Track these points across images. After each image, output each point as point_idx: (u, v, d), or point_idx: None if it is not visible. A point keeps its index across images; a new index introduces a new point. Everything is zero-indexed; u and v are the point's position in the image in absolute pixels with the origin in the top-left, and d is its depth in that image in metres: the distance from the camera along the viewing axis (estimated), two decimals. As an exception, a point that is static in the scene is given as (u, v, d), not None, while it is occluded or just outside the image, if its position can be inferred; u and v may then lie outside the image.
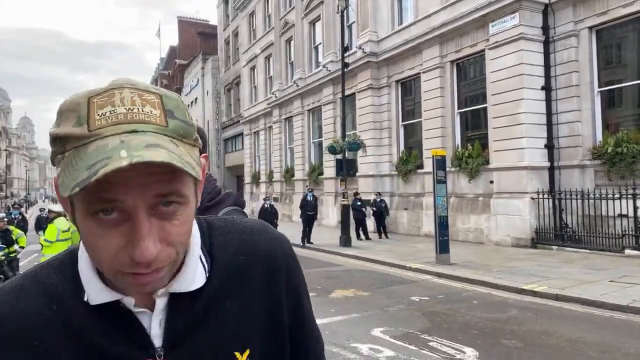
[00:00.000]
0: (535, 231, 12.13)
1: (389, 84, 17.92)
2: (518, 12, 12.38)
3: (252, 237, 0.78)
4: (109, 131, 0.57)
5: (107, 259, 0.60)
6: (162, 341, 0.68)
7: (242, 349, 0.72)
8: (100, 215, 0.58)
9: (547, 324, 6.02)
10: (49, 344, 0.65)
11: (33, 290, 0.68)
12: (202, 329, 0.70)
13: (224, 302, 0.72)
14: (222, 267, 0.74)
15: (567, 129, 12.31)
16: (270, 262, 0.78)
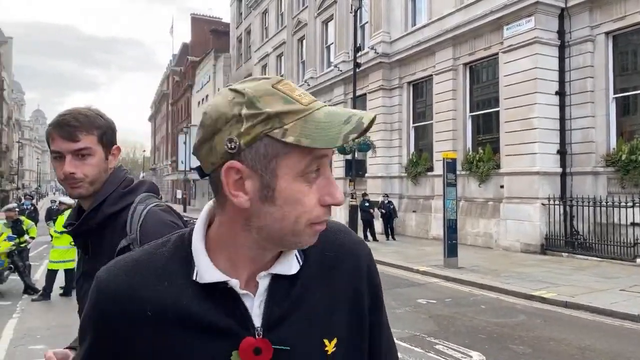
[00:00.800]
0: (545, 237, 12.01)
1: (401, 85, 17.85)
2: (534, 15, 12.27)
3: (338, 236, 0.85)
4: (316, 105, 0.70)
5: (308, 214, 0.70)
6: (261, 321, 0.73)
7: (330, 337, 0.78)
8: (309, 175, 0.69)
9: (556, 331, 5.95)
10: (160, 317, 0.72)
11: (147, 266, 0.75)
12: (297, 314, 0.76)
13: (315, 291, 0.78)
14: (313, 259, 0.80)
15: (580, 135, 12.17)
16: (354, 261, 0.84)
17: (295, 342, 0.74)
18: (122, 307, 0.72)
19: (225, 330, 0.72)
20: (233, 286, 0.73)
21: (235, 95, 0.69)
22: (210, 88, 42.71)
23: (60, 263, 8.20)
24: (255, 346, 0.72)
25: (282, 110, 0.68)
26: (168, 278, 0.74)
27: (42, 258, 12.30)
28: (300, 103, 0.69)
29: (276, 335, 0.73)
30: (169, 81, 66.27)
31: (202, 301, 0.72)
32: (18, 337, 5.90)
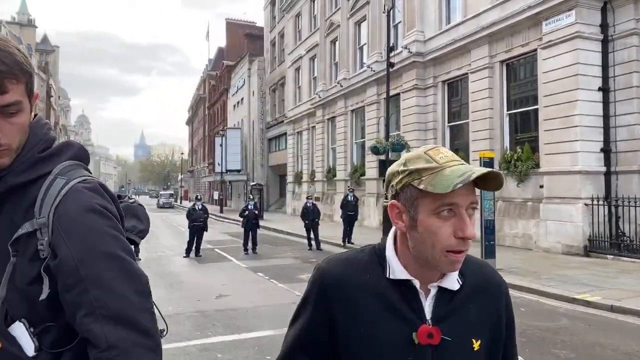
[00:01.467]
0: (588, 239, 11.56)
1: (435, 84, 17.60)
2: (574, 9, 11.85)
3: (486, 268, 1.18)
4: (450, 164, 0.98)
5: (441, 242, 0.97)
6: (430, 315, 1.04)
7: (477, 338, 1.06)
8: (442, 214, 0.97)
9: (601, 336, 5.73)
10: (363, 299, 1.04)
11: (356, 263, 1.09)
12: (455, 317, 1.05)
13: (469, 304, 1.07)
14: (469, 282, 1.09)
15: (626, 132, 11.65)
16: (499, 289, 1.15)
17: (453, 336, 1.03)
18: (340, 287, 1.06)
19: (408, 316, 1.02)
20: (415, 284, 1.04)
21: (402, 160, 1.04)
22: (245, 91, 43.42)
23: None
24: (429, 332, 1.01)
25: (421, 167, 0.98)
26: (370, 272, 1.06)
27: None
28: (437, 163, 0.98)
29: (440, 327, 1.02)
30: (206, 85, 67.80)
31: (393, 292, 1.04)
32: None
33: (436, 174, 0.96)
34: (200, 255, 13.73)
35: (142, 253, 13.63)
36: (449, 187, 0.93)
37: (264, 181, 38.36)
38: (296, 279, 9.86)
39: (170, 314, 7.00)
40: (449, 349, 1.02)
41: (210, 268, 11.80)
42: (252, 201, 15.46)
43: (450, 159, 0.99)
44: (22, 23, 60.24)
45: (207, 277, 10.52)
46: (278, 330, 6.05)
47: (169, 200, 57.38)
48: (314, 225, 14.95)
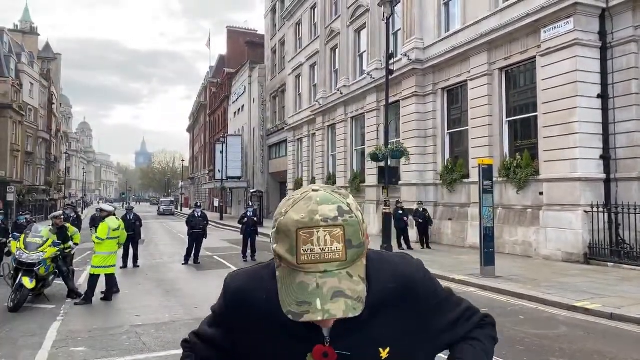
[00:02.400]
0: (588, 246, 11.51)
1: (435, 91, 17.63)
2: (573, 17, 11.88)
3: (398, 269, 1.07)
4: (310, 268, 0.87)
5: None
6: (328, 332, 0.98)
7: (384, 347, 1.01)
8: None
9: (601, 344, 5.67)
10: (260, 316, 1.02)
11: (258, 279, 1.07)
12: (356, 333, 0.99)
13: (375, 314, 1.00)
14: (376, 289, 1.00)
15: (625, 139, 11.64)
16: (409, 283, 1.05)
17: (355, 350, 0.99)
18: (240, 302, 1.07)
19: (303, 335, 0.98)
20: None
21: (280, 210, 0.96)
22: (245, 98, 43.53)
23: (102, 268, 8.50)
24: (324, 351, 0.97)
25: (283, 255, 0.90)
26: (270, 289, 0.98)
27: (85, 264, 12.79)
28: (297, 259, 0.88)
29: (340, 343, 0.98)
30: (207, 92, 68.02)
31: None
32: (61, 339, 6.14)
33: (289, 274, 0.90)
34: (198, 262, 13.67)
35: (141, 260, 13.66)
36: (286, 309, 0.88)
37: (264, 188, 38.33)
38: (294, 286, 9.79)
39: (167, 321, 6.96)
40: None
41: (208, 275, 11.74)
42: (251, 208, 15.42)
43: (312, 260, 0.87)
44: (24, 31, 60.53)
45: (205, 284, 10.46)
46: (274, 338, 6.00)
47: (170, 207, 57.41)
48: (313, 232, 14.88)
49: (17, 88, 44.08)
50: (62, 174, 71.91)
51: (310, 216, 0.88)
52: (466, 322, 1.15)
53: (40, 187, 51.50)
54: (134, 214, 13.86)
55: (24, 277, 7.76)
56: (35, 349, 5.71)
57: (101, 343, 5.92)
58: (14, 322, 7.02)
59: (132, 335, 6.27)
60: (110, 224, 8.77)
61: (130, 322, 6.99)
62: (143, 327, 6.68)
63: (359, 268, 0.91)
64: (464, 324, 1.14)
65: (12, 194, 33.42)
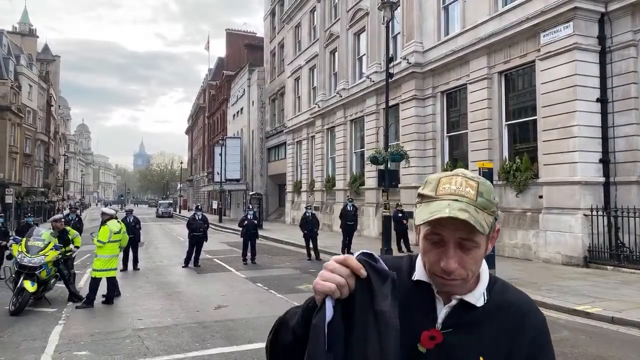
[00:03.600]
0: (588, 249, 11.54)
1: (434, 94, 17.68)
2: (572, 21, 11.95)
3: (521, 297, 1.15)
4: (445, 197, 1.02)
5: (429, 263, 1.05)
6: (442, 320, 1.06)
7: (485, 357, 1.04)
8: (430, 238, 1.04)
9: (602, 348, 5.70)
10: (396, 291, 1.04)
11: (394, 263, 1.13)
12: (466, 329, 1.06)
13: (487, 323, 1.07)
14: (495, 301, 1.10)
15: (624, 143, 11.70)
16: (526, 319, 1.10)
17: (460, 346, 1.04)
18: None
19: (418, 318, 1.06)
20: (433, 288, 1.08)
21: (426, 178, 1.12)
22: (244, 101, 43.55)
23: (103, 272, 8.50)
24: (432, 334, 1.04)
25: (425, 193, 1.07)
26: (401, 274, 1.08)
27: (86, 267, 12.78)
28: (435, 193, 1.05)
29: (448, 334, 1.05)
30: (206, 95, 68.03)
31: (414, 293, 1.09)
32: (63, 343, 6.14)
33: (427, 203, 1.05)
34: (199, 265, 13.67)
35: (141, 263, 13.66)
36: (419, 221, 1.04)
37: (263, 191, 38.32)
38: (295, 290, 9.81)
39: (169, 325, 6.97)
40: (452, 356, 1.04)
41: (209, 278, 11.74)
42: (251, 211, 15.43)
43: (448, 192, 1.03)
44: (23, 33, 60.51)
45: (206, 287, 10.47)
46: (277, 342, 6.00)
47: (168, 210, 57.29)
48: (312, 235, 14.92)
49: (16, 90, 44.03)
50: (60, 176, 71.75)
51: (454, 172, 1.08)
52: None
53: (38, 189, 51.39)
54: (134, 217, 13.85)
55: (26, 281, 7.76)
56: (38, 353, 5.71)
57: (104, 347, 5.92)
58: (16, 325, 7.02)
59: (135, 339, 6.28)
60: (112, 227, 8.77)
61: (133, 325, 6.99)
62: (145, 330, 6.68)
63: (486, 217, 1.03)
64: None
65: (10, 196, 33.32)
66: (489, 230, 1.02)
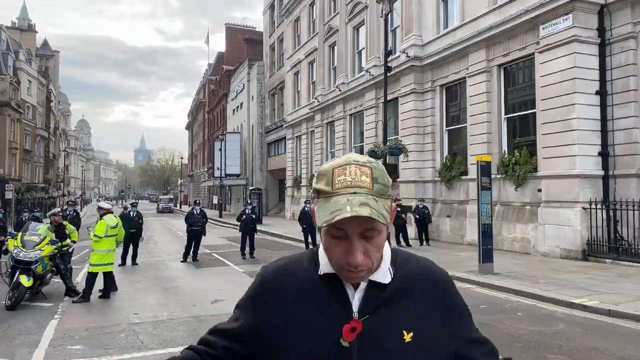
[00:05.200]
0: (586, 243, 11.51)
1: (433, 88, 17.60)
2: (571, 13, 11.85)
3: (424, 263, 1.18)
4: (342, 191, 1.01)
5: (335, 258, 1.04)
6: (358, 308, 1.06)
7: (408, 330, 1.07)
8: (332, 233, 1.02)
9: (599, 341, 5.67)
10: (301, 288, 1.10)
11: (297, 262, 1.16)
12: (384, 309, 1.07)
13: (400, 297, 1.09)
14: (400, 275, 1.12)
15: (623, 136, 11.63)
16: (433, 283, 1.14)
17: (381, 328, 1.06)
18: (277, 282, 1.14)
19: (333, 308, 1.06)
20: (342, 279, 1.07)
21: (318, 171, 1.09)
22: (244, 96, 43.44)
23: (100, 266, 8.49)
24: (352, 326, 1.04)
25: (320, 188, 1.04)
26: (305, 271, 1.12)
27: (84, 261, 12.77)
28: (331, 187, 1.02)
29: (367, 320, 1.05)
30: (205, 90, 67.89)
31: (323, 288, 1.09)
32: (58, 337, 6.13)
33: (325, 199, 1.02)
34: (197, 259, 13.66)
35: (140, 257, 13.65)
36: (320, 222, 1.00)
37: (263, 185, 38.30)
38: (293, 284, 9.79)
39: (164, 319, 6.95)
40: (377, 343, 1.05)
41: (207, 273, 11.73)
42: (249, 205, 15.41)
43: (344, 185, 1.01)
44: (22, 28, 60.30)
45: (204, 281, 10.46)
46: (272, 336, 5.99)
47: (169, 205, 57.38)
48: (311, 230, 14.89)
49: (15, 85, 43.96)
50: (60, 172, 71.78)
51: (345, 159, 1.05)
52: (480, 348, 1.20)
53: (38, 185, 51.43)
54: (137, 211, 13.75)
55: (22, 275, 7.75)
56: (32, 347, 5.70)
57: (98, 341, 5.91)
58: (11, 320, 7.01)
59: (130, 333, 6.26)
60: (108, 221, 8.75)
61: (128, 320, 6.98)
62: (141, 324, 6.67)
63: (384, 202, 1.03)
64: (480, 347, 1.20)
65: (10, 191, 33.34)
66: (389, 215, 1.02)
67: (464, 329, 1.17)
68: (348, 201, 0.98)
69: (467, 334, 1.18)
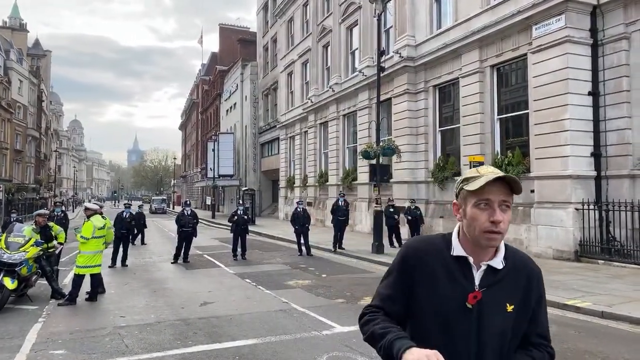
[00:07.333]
0: (579, 244, 11.48)
1: (426, 89, 17.55)
2: (564, 14, 11.83)
3: (524, 257, 1.60)
4: (487, 174, 1.45)
5: (479, 225, 1.44)
6: (478, 282, 1.49)
7: (510, 303, 1.50)
8: (480, 206, 1.45)
9: (592, 343, 5.60)
10: (435, 266, 1.52)
11: (431, 242, 1.58)
12: (496, 287, 1.49)
13: (508, 279, 1.51)
14: (510, 263, 1.53)
15: (616, 137, 11.62)
16: (531, 272, 1.57)
17: (494, 298, 1.48)
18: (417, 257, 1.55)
19: (462, 283, 1.48)
20: (470, 260, 1.50)
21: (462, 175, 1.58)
22: (238, 96, 43.24)
23: (87, 268, 8.32)
24: (475, 295, 1.46)
25: (469, 176, 1.50)
26: (440, 250, 1.54)
27: (72, 263, 12.56)
28: (479, 173, 1.47)
29: (485, 293, 1.47)
30: (199, 90, 67.57)
31: (454, 265, 1.51)
32: (41, 341, 5.96)
33: (476, 179, 1.46)
34: (188, 261, 13.50)
35: (130, 259, 13.48)
36: (477, 186, 1.43)
37: (257, 186, 38.12)
38: (284, 286, 9.68)
39: (152, 322, 6.81)
40: (490, 308, 1.47)
41: (197, 274, 11.58)
42: (241, 206, 15.27)
43: (490, 172, 1.45)
44: (13, 27, 59.73)
45: (194, 283, 10.30)
46: (261, 339, 5.87)
47: (162, 206, 57.05)
48: (304, 231, 14.77)
49: (6, 85, 43.50)
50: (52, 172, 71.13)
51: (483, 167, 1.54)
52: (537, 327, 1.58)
53: (29, 186, 50.92)
54: (130, 212, 13.61)
55: (5, 278, 7.57)
56: (14, 351, 5.53)
57: (82, 345, 5.76)
58: (-6, 323, 6.83)
59: (115, 337, 6.11)
60: (96, 222, 8.58)
61: (114, 323, 6.82)
62: (127, 328, 6.52)
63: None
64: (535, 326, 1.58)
65: (0, 192, 32.95)
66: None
67: (543, 318, 1.60)
68: (494, 172, 1.44)
69: (543, 324, 1.60)
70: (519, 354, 1.54)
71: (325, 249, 15.55)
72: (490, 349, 1.47)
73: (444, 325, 1.47)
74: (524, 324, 1.53)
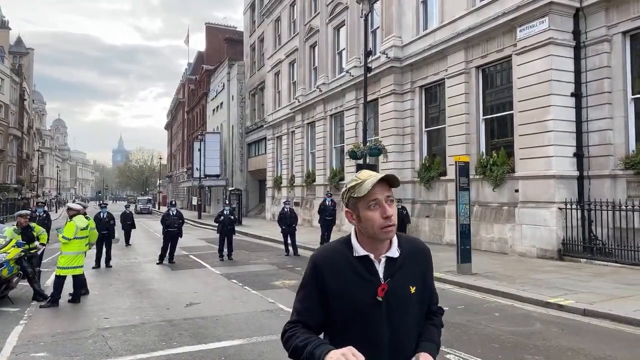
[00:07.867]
0: (562, 243, 11.65)
1: (413, 89, 17.65)
2: (548, 16, 12.00)
3: (417, 242, 1.78)
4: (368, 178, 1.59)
5: (376, 223, 1.57)
6: (382, 275, 1.62)
7: (412, 286, 1.66)
8: (371, 207, 1.58)
9: (574, 340, 5.68)
10: (344, 269, 1.62)
11: (335, 248, 1.70)
12: (398, 274, 1.63)
13: (406, 265, 1.67)
14: (404, 250, 1.68)
15: (597, 137, 11.82)
16: (424, 253, 1.76)
17: (397, 285, 1.62)
18: (326, 262, 1.65)
19: (368, 278, 1.61)
20: (371, 257, 1.62)
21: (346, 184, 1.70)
22: (224, 96, 43.00)
23: (69, 269, 8.18)
24: (382, 287, 1.59)
25: (353, 185, 1.63)
26: (344, 253, 1.65)
27: (55, 264, 12.36)
28: (360, 179, 1.61)
29: (389, 282, 1.60)
30: (185, 89, 67.02)
31: (358, 264, 1.62)
32: (22, 344, 5.85)
33: (360, 185, 1.59)
34: (173, 261, 13.38)
35: (114, 260, 13.31)
36: (365, 191, 1.57)
37: (244, 186, 37.95)
38: (270, 286, 9.64)
39: (136, 324, 6.73)
40: (396, 295, 1.61)
41: (183, 275, 11.48)
42: (227, 206, 15.18)
43: (368, 175, 1.60)
44: (-6, 24, 58.69)
45: (179, 284, 10.21)
46: (247, 340, 5.84)
47: (147, 206, 56.46)
48: (291, 231, 14.75)
49: (-14, 83, 42.58)
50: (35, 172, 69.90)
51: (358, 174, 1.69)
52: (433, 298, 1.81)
53: (11, 186, 49.98)
54: (107, 212, 13.55)
55: (-15, 280, 7.41)
56: (-7, 355, 5.42)
57: (64, 348, 5.66)
58: (-27, 326, 6.68)
59: (99, 338, 6.02)
60: (78, 223, 8.45)
61: (98, 324, 6.73)
62: (111, 329, 6.43)
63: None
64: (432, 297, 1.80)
65: (-20, 192, 32.25)
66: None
67: (434, 286, 1.81)
68: (372, 175, 1.59)
69: (434, 292, 1.82)
70: (426, 326, 1.72)
71: (313, 248, 15.54)
72: (402, 331, 1.62)
73: (359, 318, 1.58)
74: (426, 300, 1.72)
